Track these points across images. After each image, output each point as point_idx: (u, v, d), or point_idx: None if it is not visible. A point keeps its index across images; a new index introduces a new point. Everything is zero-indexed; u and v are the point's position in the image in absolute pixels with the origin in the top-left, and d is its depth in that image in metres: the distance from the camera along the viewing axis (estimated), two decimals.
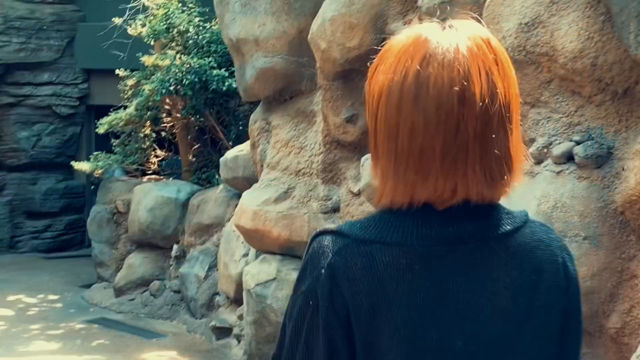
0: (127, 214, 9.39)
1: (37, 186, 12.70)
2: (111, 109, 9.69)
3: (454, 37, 1.23)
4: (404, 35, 1.26)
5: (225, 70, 8.33)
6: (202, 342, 7.77)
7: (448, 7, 4.54)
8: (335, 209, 6.18)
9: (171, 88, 8.46)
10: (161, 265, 9.11)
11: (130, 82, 9.76)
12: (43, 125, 12.62)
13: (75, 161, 11.27)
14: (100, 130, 9.29)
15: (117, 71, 9.71)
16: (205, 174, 9.36)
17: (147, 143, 9.70)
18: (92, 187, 11.17)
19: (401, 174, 1.22)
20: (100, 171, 9.53)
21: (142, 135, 9.60)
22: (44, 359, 6.98)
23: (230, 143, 8.99)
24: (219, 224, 8.42)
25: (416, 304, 1.20)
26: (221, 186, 8.58)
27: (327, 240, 1.24)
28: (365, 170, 5.25)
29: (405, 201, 1.23)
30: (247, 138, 8.97)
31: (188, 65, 8.37)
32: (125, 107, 9.52)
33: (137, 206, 9.03)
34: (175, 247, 8.92)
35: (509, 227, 1.26)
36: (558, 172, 3.80)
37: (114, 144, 9.81)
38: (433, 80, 1.19)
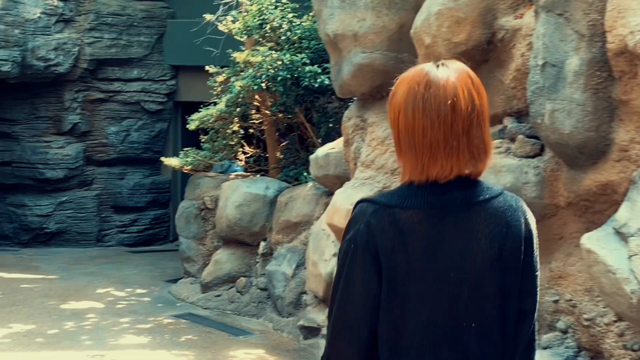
0: (214, 210, 9.39)
1: (124, 181, 12.88)
2: (201, 106, 9.70)
3: (446, 71, 1.87)
4: (411, 72, 1.92)
5: (318, 67, 8.21)
6: (289, 341, 7.68)
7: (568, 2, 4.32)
8: None
9: (263, 84, 8.38)
10: (248, 262, 9.06)
11: (220, 78, 9.76)
12: (132, 121, 12.79)
13: (162, 157, 11.39)
14: (191, 126, 9.31)
15: (207, 67, 9.72)
16: (293, 171, 9.28)
17: (235, 139, 9.68)
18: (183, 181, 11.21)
19: (419, 159, 1.85)
20: (188, 167, 9.56)
21: (230, 131, 9.58)
22: (134, 352, 7.00)
23: (320, 140, 8.89)
24: (308, 222, 8.32)
25: (423, 247, 1.84)
26: (310, 184, 8.48)
27: (365, 205, 1.89)
28: None
29: (422, 178, 1.86)
30: (336, 136, 8.86)
31: (280, 62, 8.28)
32: (215, 104, 9.51)
33: (225, 202, 9.01)
34: (262, 244, 8.87)
35: (487, 195, 1.90)
36: None
37: (202, 140, 9.82)
38: (434, 97, 1.84)
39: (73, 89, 12.22)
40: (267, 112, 9.26)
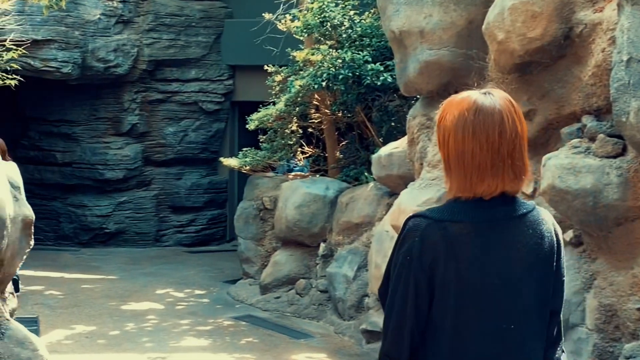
0: (273, 211, 9.29)
1: (182, 181, 12.89)
2: (260, 105, 9.61)
3: (492, 99, 2.06)
4: (460, 98, 2.08)
5: (380, 65, 8.03)
6: (351, 345, 7.53)
7: None
8: None
9: (323, 83, 8.23)
10: (307, 264, 8.94)
11: (278, 77, 9.66)
12: (189, 121, 12.79)
13: (219, 157, 11.34)
14: (251, 126, 9.22)
15: (265, 67, 9.62)
16: (353, 171, 9.11)
17: (294, 139, 9.57)
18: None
19: (468, 179, 2.03)
20: (247, 167, 9.47)
21: (288, 131, 9.46)
22: (195, 356, 6.93)
23: (381, 140, 8.71)
24: (369, 222, 8.16)
25: (471, 257, 2.02)
26: (371, 184, 8.32)
27: (417, 220, 2.07)
28: (549, 171, 4.82)
29: (469, 195, 2.05)
30: (398, 135, 8.67)
31: (341, 60, 8.13)
32: (274, 103, 9.41)
33: (284, 203, 8.90)
34: (322, 245, 8.73)
35: (524, 210, 2.09)
36: None
37: (260, 140, 9.73)
38: (482, 124, 2.02)
39: (132, 89, 12.27)
40: (326, 111, 9.12)
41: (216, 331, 7.76)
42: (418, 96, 7.83)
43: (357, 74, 8.10)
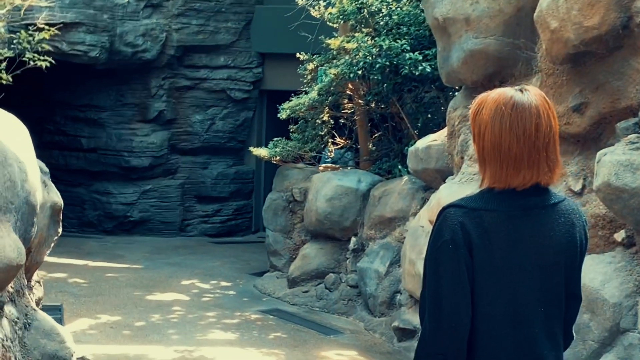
0: (303, 203, 9.06)
1: (208, 170, 12.69)
2: (292, 94, 9.36)
3: (528, 95, 2.16)
4: (496, 93, 2.18)
5: (419, 54, 7.75)
6: (382, 342, 7.30)
7: None
8: None
9: (359, 72, 7.96)
10: (337, 258, 8.71)
11: (310, 66, 9.41)
12: (217, 109, 12.58)
13: (246, 146, 11.09)
14: (282, 115, 8.98)
15: (298, 54, 9.37)
16: (386, 164, 8.85)
17: (325, 130, 9.32)
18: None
19: (504, 171, 2.14)
20: (277, 158, 9.24)
21: (320, 121, 9.21)
22: (223, 350, 6.72)
23: (416, 132, 8.45)
24: (403, 217, 7.91)
25: (504, 243, 2.13)
26: (405, 177, 8.07)
27: (453, 210, 2.16)
28: (604, 167, 4.54)
29: (503, 186, 2.15)
30: (434, 127, 8.40)
31: (378, 48, 7.86)
32: (306, 92, 9.16)
33: (315, 195, 8.67)
34: (353, 239, 8.50)
35: (556, 200, 2.22)
36: None
37: (291, 130, 9.50)
38: (520, 118, 2.13)
39: (159, 75, 12.07)
40: (359, 101, 8.86)
41: (243, 325, 7.56)
42: (456, 87, 7.58)
43: (395, 63, 7.82)
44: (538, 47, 5.59)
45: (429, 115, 8.41)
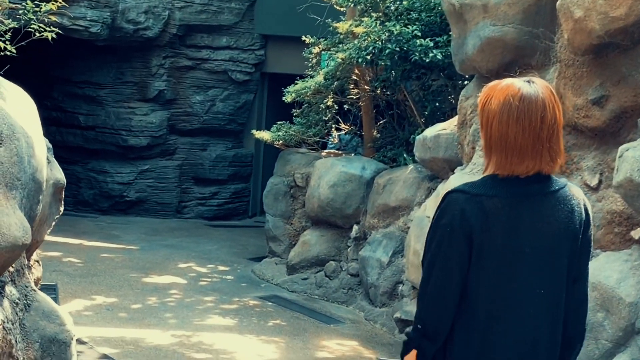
0: (305, 188, 8.91)
1: (206, 152, 12.51)
2: (297, 78, 9.19)
3: (535, 87, 2.29)
4: (504, 84, 2.32)
5: (430, 40, 7.58)
6: (383, 333, 7.18)
7: None
8: None
9: (368, 57, 7.79)
10: (338, 246, 8.57)
11: (316, 50, 9.24)
12: (217, 91, 12.38)
13: (245, 129, 10.89)
14: (288, 98, 8.80)
15: (304, 38, 9.19)
16: (391, 151, 8.69)
17: (329, 115, 9.16)
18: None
19: (508, 159, 2.26)
20: (280, 142, 9.08)
21: (323, 106, 9.04)
22: (222, 336, 6.58)
23: (423, 120, 8.29)
24: (407, 207, 7.77)
25: (505, 228, 2.28)
26: (411, 166, 7.92)
27: (455, 195, 2.32)
28: (626, 163, 4.40)
29: (507, 174, 2.29)
30: (441, 116, 8.26)
31: (388, 33, 7.68)
32: (311, 76, 8.99)
33: (317, 181, 8.51)
34: (355, 227, 8.35)
35: (557, 187, 2.35)
36: None
37: (295, 114, 9.33)
38: (527, 110, 2.26)
39: (160, 54, 11.86)
40: (365, 87, 8.70)
41: (242, 311, 7.42)
42: (467, 76, 7.42)
43: (405, 49, 7.65)
44: (558, 36, 5.44)
45: (437, 104, 8.25)
